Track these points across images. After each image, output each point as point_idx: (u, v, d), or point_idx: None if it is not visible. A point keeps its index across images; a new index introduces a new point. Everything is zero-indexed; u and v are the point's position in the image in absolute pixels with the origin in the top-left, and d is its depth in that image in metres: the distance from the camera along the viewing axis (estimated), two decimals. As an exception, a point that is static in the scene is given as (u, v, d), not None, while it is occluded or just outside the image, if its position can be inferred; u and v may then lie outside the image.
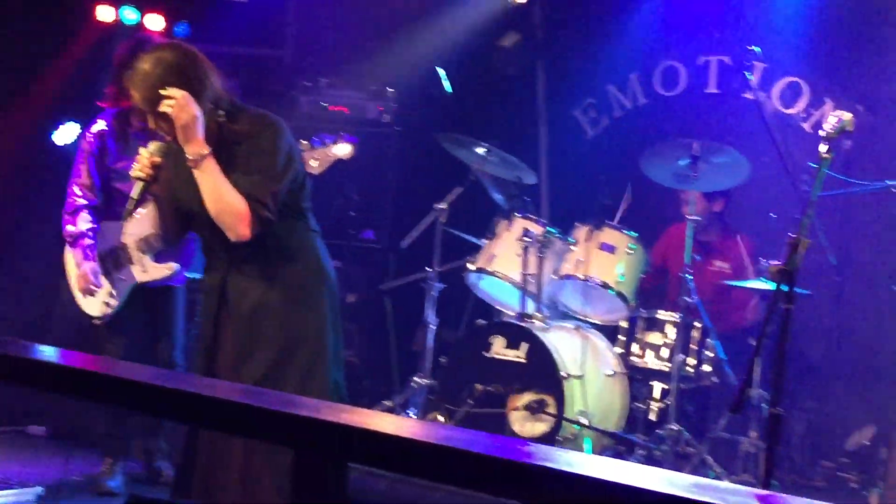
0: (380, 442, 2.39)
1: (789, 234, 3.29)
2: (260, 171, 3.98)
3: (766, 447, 3.10)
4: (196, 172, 3.93)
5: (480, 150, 6.59)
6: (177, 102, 3.87)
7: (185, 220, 4.18)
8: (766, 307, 3.18)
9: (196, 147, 3.91)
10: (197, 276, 5.39)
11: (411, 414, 6.26)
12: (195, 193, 3.97)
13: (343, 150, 4.87)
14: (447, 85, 7.51)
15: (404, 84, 7.96)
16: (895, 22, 7.21)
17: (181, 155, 3.95)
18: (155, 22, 7.88)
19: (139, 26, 7.77)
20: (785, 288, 3.10)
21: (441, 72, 7.66)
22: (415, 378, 6.41)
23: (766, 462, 3.07)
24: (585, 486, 2.18)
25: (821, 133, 3.65)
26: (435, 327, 6.48)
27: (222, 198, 3.92)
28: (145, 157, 3.99)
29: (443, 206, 6.50)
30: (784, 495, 2.27)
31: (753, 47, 6.57)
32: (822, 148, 3.55)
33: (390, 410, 6.42)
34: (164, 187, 4.09)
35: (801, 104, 7.66)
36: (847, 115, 3.75)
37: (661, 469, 2.41)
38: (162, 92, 3.88)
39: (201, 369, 4.08)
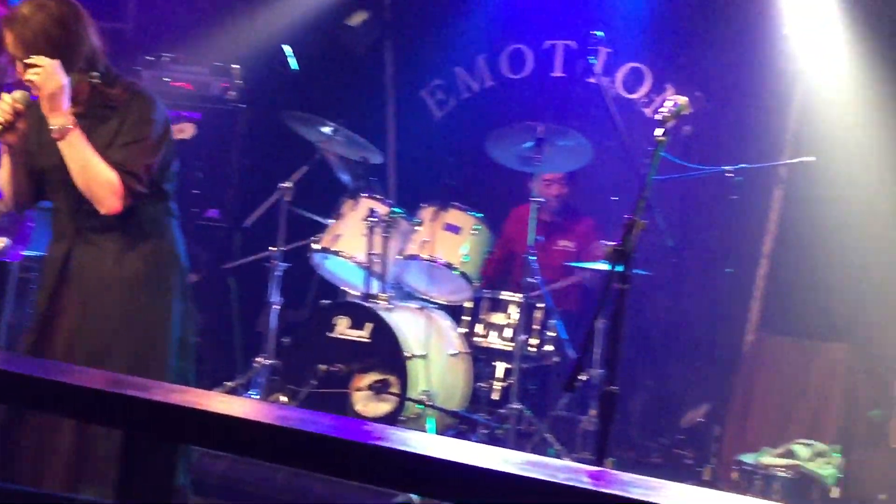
0: (212, 423, 2.34)
1: (625, 216, 3.35)
2: (134, 143, 3.84)
3: (600, 425, 3.15)
4: (61, 144, 3.76)
5: (326, 130, 6.53)
6: (43, 70, 3.70)
7: (38, 183, 4.00)
8: (602, 288, 3.22)
9: (61, 118, 3.73)
10: (35, 253, 5.23)
11: (253, 395, 6.19)
12: (54, 157, 3.81)
13: (184, 131, 4.75)
14: (293, 63, 7.42)
15: (250, 61, 7.82)
16: (734, 11, 7.40)
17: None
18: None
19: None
20: (620, 268, 3.15)
21: (287, 49, 7.56)
22: (258, 358, 6.33)
23: (600, 440, 3.12)
24: (421, 464, 2.18)
25: (656, 117, 3.71)
26: (279, 307, 6.41)
27: (90, 169, 3.76)
28: (7, 101, 3.79)
29: (288, 184, 6.43)
30: (614, 471, 2.31)
31: (597, 32, 6.67)
32: (658, 132, 3.61)
33: (232, 391, 6.33)
34: (21, 140, 3.87)
35: (643, 90, 7.81)
36: (682, 100, 3.83)
37: (496, 447, 2.43)
38: (28, 61, 3.72)
39: (29, 345, 3.91)
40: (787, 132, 7.16)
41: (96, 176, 3.77)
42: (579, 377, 6.27)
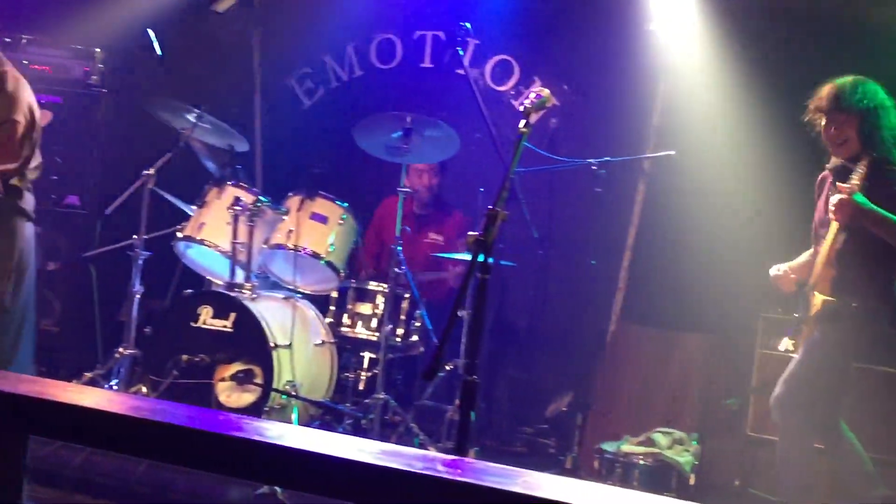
0: (62, 414, 2.29)
1: (489, 206, 3.37)
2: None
3: (460, 415, 3.16)
4: None
5: (191, 116, 6.42)
6: None
7: None
8: (463, 277, 3.23)
9: None
10: None
11: (113, 385, 6.05)
12: None
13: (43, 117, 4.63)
14: (158, 48, 7.27)
15: (113, 45, 7.65)
16: (602, 6, 7.51)
17: None
18: None
19: None
20: (481, 258, 3.17)
21: (151, 34, 7.41)
22: (119, 349, 6.19)
23: (461, 429, 3.14)
24: (279, 455, 2.16)
25: (520, 108, 3.74)
26: (141, 296, 6.28)
27: None
28: None
29: (151, 172, 6.29)
30: (471, 460, 2.33)
31: (465, 24, 6.69)
32: (521, 124, 3.64)
33: (92, 382, 6.18)
34: None
35: (511, 82, 7.88)
36: (545, 92, 3.86)
37: (357, 438, 2.42)
38: None
39: None
40: (650, 126, 7.30)
41: None
42: (444, 367, 6.38)
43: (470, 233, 3.44)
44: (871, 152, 4.78)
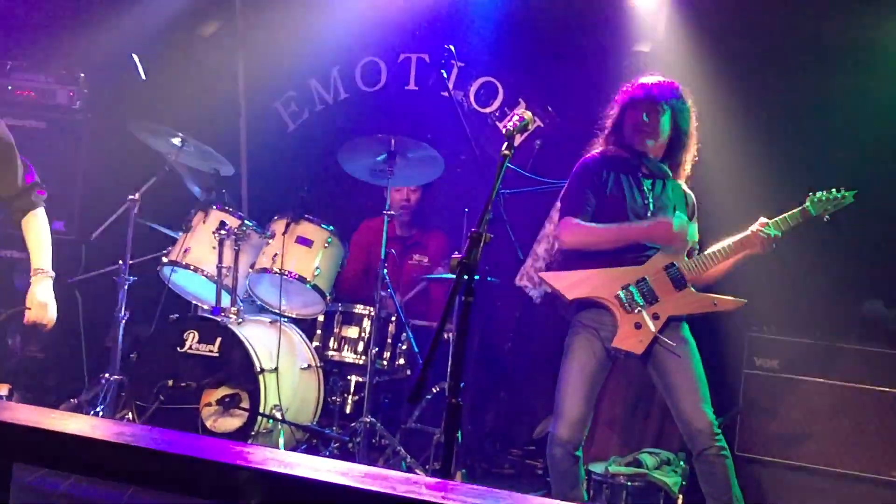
0: (45, 441, 2.28)
1: (472, 229, 3.37)
2: None
3: (445, 437, 3.16)
4: None
5: (176, 140, 6.43)
6: None
7: None
8: (447, 300, 3.24)
9: None
10: None
11: (99, 411, 6.03)
12: None
13: None
14: (142, 72, 7.28)
15: (97, 69, 7.66)
16: (586, 28, 7.54)
17: None
18: None
19: None
20: (464, 281, 3.17)
21: (136, 58, 7.41)
22: (104, 374, 6.18)
23: (446, 451, 3.13)
24: (263, 479, 2.16)
25: (503, 130, 3.76)
26: (126, 322, 6.27)
27: None
28: None
29: (136, 196, 6.30)
30: (456, 482, 2.32)
31: (450, 46, 6.71)
32: (504, 145, 3.65)
33: (77, 408, 6.17)
34: None
35: (496, 103, 7.91)
36: (528, 114, 3.87)
37: (342, 461, 2.42)
38: None
39: None
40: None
41: None
42: (430, 389, 6.38)
43: (454, 255, 3.44)
44: None
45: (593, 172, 5.08)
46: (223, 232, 6.18)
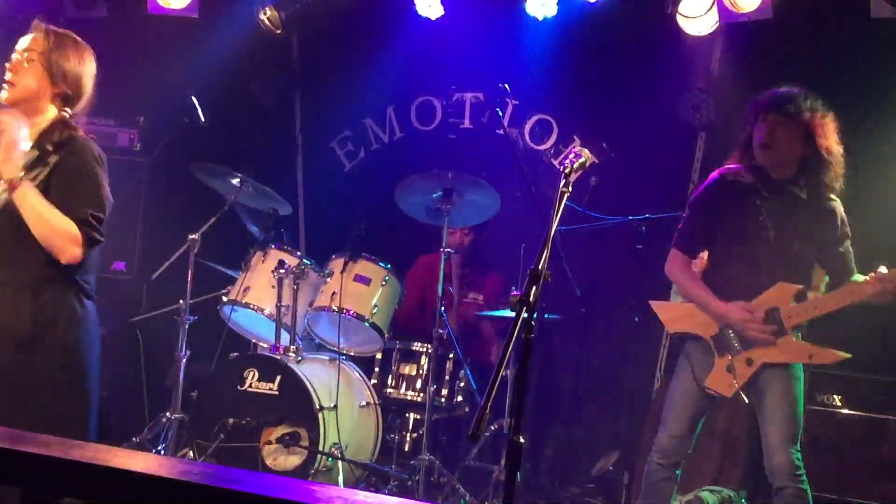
0: (112, 479, 2.31)
1: (530, 266, 3.38)
2: (86, 191, 3.96)
3: (506, 475, 3.15)
4: (14, 195, 3.84)
5: (234, 181, 6.51)
6: (4, 123, 3.77)
7: None
8: (506, 337, 3.24)
9: (13, 170, 3.84)
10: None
11: (161, 450, 6.09)
12: None
13: None
14: (201, 114, 7.39)
15: (157, 112, 7.78)
16: (639, 65, 7.55)
17: None
18: None
19: None
20: (524, 318, 3.18)
21: (195, 101, 7.53)
22: (165, 413, 6.24)
23: (504, 490, 3.13)
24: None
25: (560, 168, 3.77)
26: (186, 360, 6.33)
27: (47, 221, 3.85)
28: None
29: (196, 236, 6.38)
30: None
31: (504, 84, 6.75)
32: (561, 182, 3.66)
33: (139, 447, 6.23)
34: None
35: (550, 141, 7.92)
36: (585, 151, 3.88)
37: (402, 499, 2.42)
38: None
39: None
40: (690, 182, 7.31)
41: (55, 226, 3.86)
42: (488, 427, 6.37)
43: (513, 292, 3.45)
44: None
45: (710, 198, 4.92)
46: (282, 271, 6.23)
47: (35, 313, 3.91)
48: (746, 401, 4.82)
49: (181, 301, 6.37)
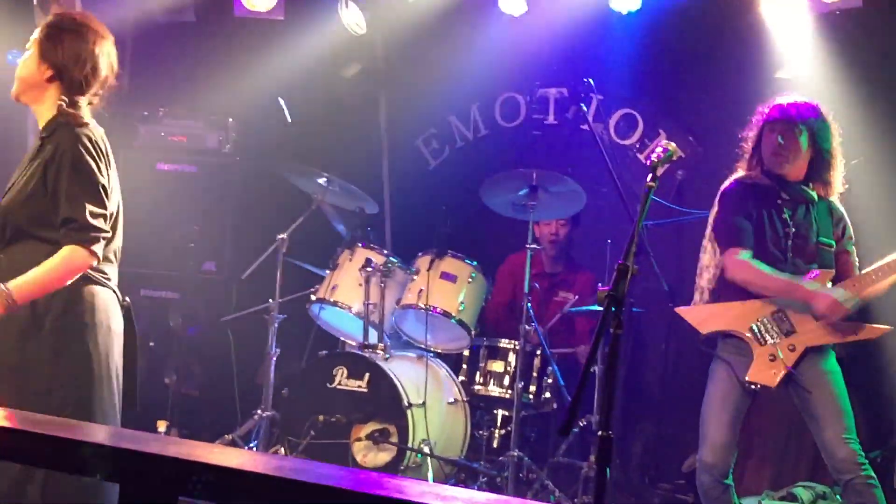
0: (209, 474, 2.35)
1: (618, 261, 3.36)
2: (69, 186, 3.78)
3: (596, 471, 3.15)
4: (14, 303, 3.71)
5: (321, 180, 6.58)
6: None
7: None
8: (595, 332, 3.24)
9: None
10: None
11: (252, 447, 6.18)
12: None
13: None
14: (288, 115, 7.47)
15: (245, 114, 7.89)
16: (725, 56, 7.46)
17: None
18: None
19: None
20: (612, 313, 3.17)
21: (282, 101, 7.62)
22: (257, 411, 6.33)
23: (595, 486, 3.12)
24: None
25: (647, 162, 3.75)
26: (276, 358, 6.41)
27: (48, 283, 3.73)
28: None
29: (284, 236, 6.46)
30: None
31: (588, 79, 6.72)
32: (648, 177, 3.65)
33: (231, 443, 6.33)
34: None
35: (636, 135, 7.86)
36: (672, 145, 3.86)
37: (494, 494, 2.43)
38: None
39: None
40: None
41: (53, 276, 3.73)
42: (577, 422, 6.35)
43: (600, 287, 3.44)
44: None
45: (736, 196, 5.04)
46: (369, 269, 6.28)
47: (33, 301, 3.77)
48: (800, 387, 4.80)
49: (270, 300, 6.46)
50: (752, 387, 4.84)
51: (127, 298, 4.06)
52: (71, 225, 3.74)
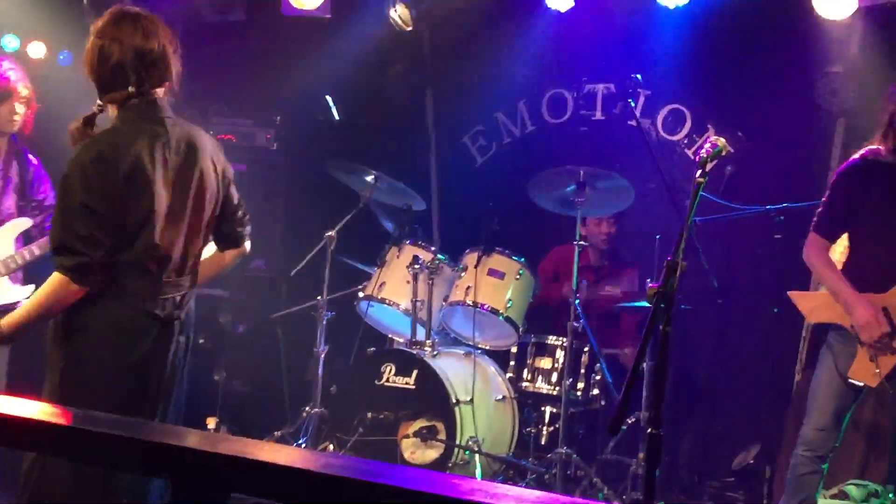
0: (258, 471, 2.36)
1: (667, 257, 3.35)
2: (57, 212, 3.60)
3: (646, 468, 3.14)
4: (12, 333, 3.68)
5: (369, 178, 6.59)
6: None
7: None
8: (645, 329, 3.22)
9: None
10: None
11: (302, 443, 6.21)
12: None
13: None
14: (336, 112, 7.50)
15: (293, 111, 7.93)
16: (773, 51, 7.40)
17: None
18: (37, 50, 7.75)
19: (19, 54, 7.61)
20: (662, 309, 3.16)
21: (329, 99, 7.65)
22: (305, 408, 6.36)
23: (646, 483, 3.11)
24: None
25: (696, 158, 3.72)
26: (325, 356, 6.44)
27: (43, 313, 3.63)
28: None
29: (332, 233, 6.48)
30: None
31: (636, 75, 6.69)
32: (697, 173, 3.62)
33: (281, 440, 6.37)
34: None
35: (683, 131, 7.82)
36: (721, 141, 3.83)
37: (543, 492, 2.42)
38: None
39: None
40: (829, 170, 7.12)
41: (48, 305, 3.61)
42: (626, 419, 6.33)
43: (650, 284, 3.43)
44: None
45: (852, 179, 4.86)
46: (417, 266, 6.29)
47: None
48: (891, 391, 4.71)
49: (319, 297, 6.48)
50: (855, 384, 4.77)
51: (167, 307, 3.95)
52: (57, 251, 3.57)
